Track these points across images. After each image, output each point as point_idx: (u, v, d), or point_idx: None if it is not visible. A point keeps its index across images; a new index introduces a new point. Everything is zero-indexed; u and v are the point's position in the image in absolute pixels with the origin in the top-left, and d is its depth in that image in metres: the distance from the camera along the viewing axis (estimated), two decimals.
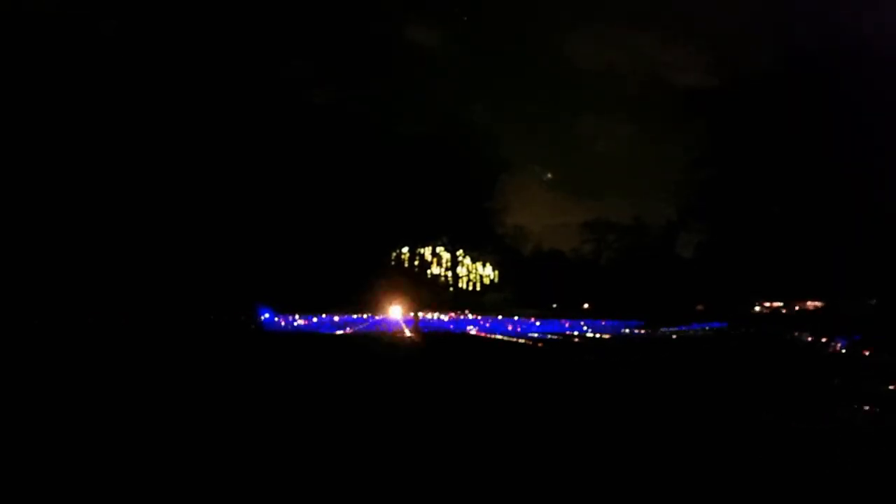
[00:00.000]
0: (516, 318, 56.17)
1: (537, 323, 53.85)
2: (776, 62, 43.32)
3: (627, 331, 49.94)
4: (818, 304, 38.85)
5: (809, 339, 26.50)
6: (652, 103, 48.88)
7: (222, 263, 47.83)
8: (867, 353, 20.47)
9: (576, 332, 50.21)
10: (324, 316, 54.52)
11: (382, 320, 56.91)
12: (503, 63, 55.41)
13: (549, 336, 44.47)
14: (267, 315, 51.24)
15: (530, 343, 34.47)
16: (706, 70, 46.88)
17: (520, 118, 56.62)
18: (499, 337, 40.84)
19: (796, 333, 28.75)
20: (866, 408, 13.42)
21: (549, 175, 58.20)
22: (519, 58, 55.00)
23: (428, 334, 46.62)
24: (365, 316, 56.60)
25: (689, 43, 47.43)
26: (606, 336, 48.14)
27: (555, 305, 56.18)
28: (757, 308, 42.22)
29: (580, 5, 51.02)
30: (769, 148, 44.55)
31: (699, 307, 46.27)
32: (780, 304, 41.65)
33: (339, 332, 49.10)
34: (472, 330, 53.00)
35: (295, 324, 53.20)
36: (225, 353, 25.53)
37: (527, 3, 52.75)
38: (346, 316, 55.37)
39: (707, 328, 42.93)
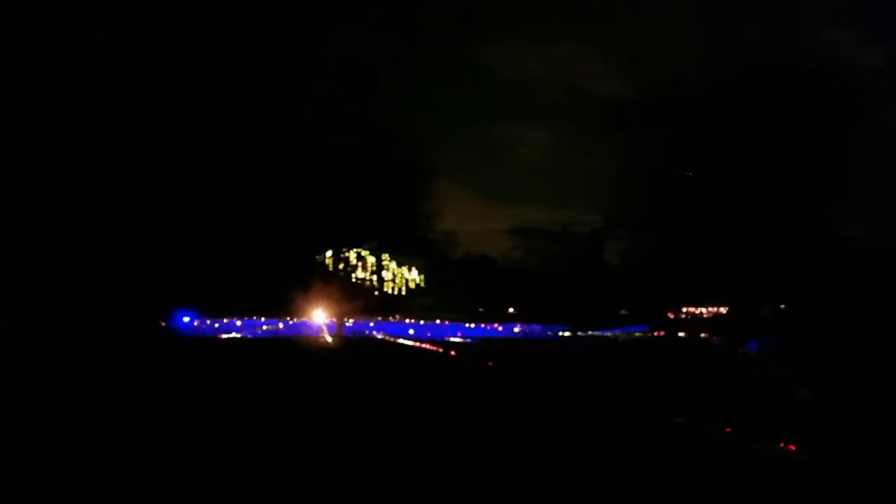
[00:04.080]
0: (442, 322, 56.15)
1: (470, 326, 54.06)
2: (698, 75, 44.71)
3: (550, 334, 50.63)
4: (730, 308, 40.21)
5: (720, 342, 27.26)
6: (579, 114, 49.76)
7: (140, 268, 46.02)
8: (776, 356, 21.06)
9: (501, 337, 50.60)
10: (247, 320, 53.17)
11: (305, 324, 55.91)
12: (435, 73, 55.49)
13: (470, 340, 44.59)
14: (187, 319, 49.67)
15: (448, 347, 34.27)
16: (630, 82, 47.99)
17: (450, 127, 56.77)
18: (412, 343, 40.58)
19: (711, 337, 29.56)
20: (776, 409, 13.69)
21: (478, 182, 58.41)
22: (451, 68, 55.17)
23: (350, 339, 46.06)
24: (289, 320, 55.43)
25: (613, 55, 48.46)
26: (531, 339, 48.71)
27: (481, 310, 56.36)
28: (674, 314, 43.40)
29: (506, 17, 51.49)
30: (691, 158, 45.88)
31: (623, 311, 47.21)
32: (697, 309, 42.94)
33: (260, 336, 48.01)
34: (399, 337, 52.72)
35: (216, 327, 51.77)
36: (117, 359, 24.19)
37: (455, 15, 52.95)
38: (270, 320, 54.18)
39: (628, 332, 43.86)
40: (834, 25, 40.62)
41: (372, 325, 58.01)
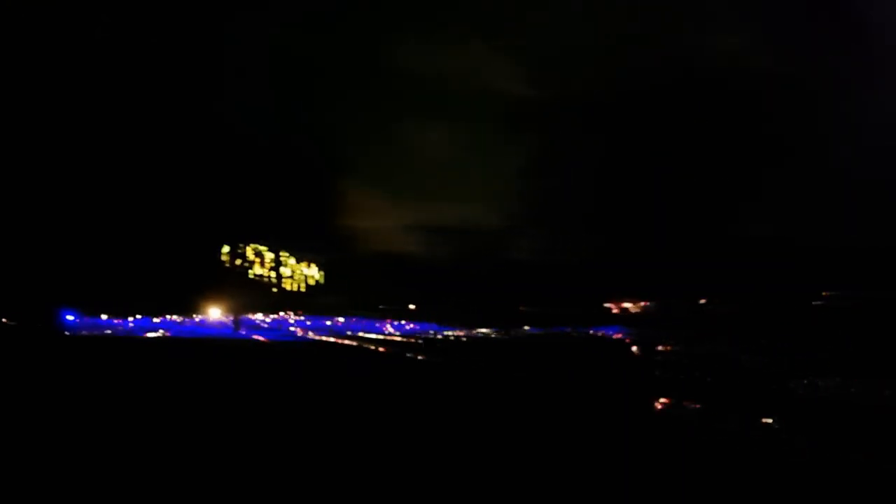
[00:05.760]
0: (341, 319, 56.05)
1: (381, 323, 54.25)
2: (608, 78, 46.58)
3: (449, 333, 51.62)
4: (647, 304, 42.24)
5: (633, 340, 28.68)
6: (487, 113, 50.87)
7: (23, 265, 43.28)
8: (693, 350, 22.46)
9: (398, 333, 51.17)
10: (140, 317, 50.95)
11: (201, 321, 54.31)
12: (342, 69, 55.02)
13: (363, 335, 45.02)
14: (71, 317, 47.04)
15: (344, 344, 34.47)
16: (538, 83, 49.57)
17: (353, 124, 56.42)
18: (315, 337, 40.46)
19: (622, 335, 30.95)
20: (688, 403, 14.65)
21: (383, 179, 58.63)
22: (359, 65, 54.97)
23: (245, 336, 45.30)
24: (182, 318, 53.58)
25: (522, 56, 49.90)
26: (427, 336, 49.54)
27: (381, 307, 56.60)
28: (585, 310, 45.14)
29: (417, 15, 51.92)
30: (601, 159, 47.79)
31: (522, 308, 48.74)
32: (610, 305, 44.83)
33: (151, 334, 46.22)
34: (297, 331, 52.14)
35: (102, 325, 49.32)
36: None
37: (365, 12, 52.84)
38: (163, 318, 52.16)
39: (531, 330, 45.41)
40: (729, 31, 43.36)
41: (269, 320, 57.14)
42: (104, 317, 49.20)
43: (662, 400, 14.37)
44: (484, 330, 48.98)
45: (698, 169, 44.22)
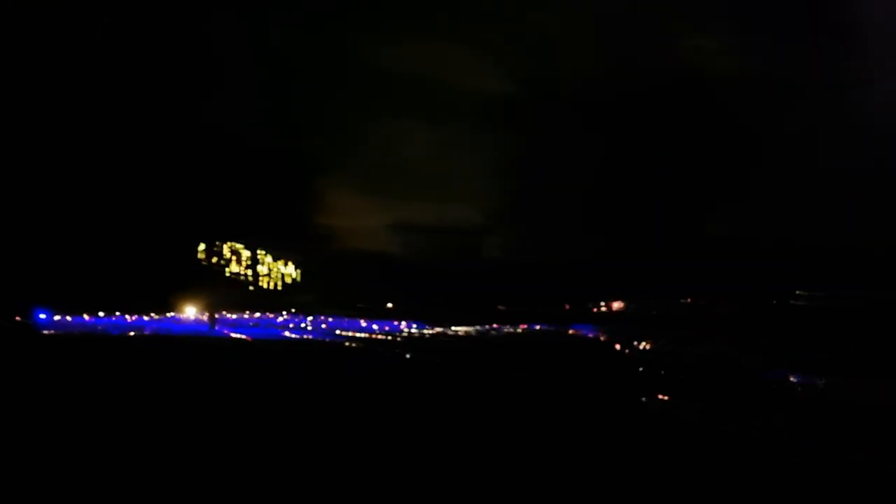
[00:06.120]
0: (320, 317, 55.92)
1: (359, 321, 54.18)
2: (584, 77, 46.78)
3: (427, 330, 51.76)
4: (622, 304, 42.58)
5: (604, 338, 29.01)
6: (462, 111, 50.84)
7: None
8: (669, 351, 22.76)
9: (377, 331, 51.26)
10: (114, 316, 50.33)
11: (175, 320, 53.80)
12: (316, 67, 54.63)
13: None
14: (44, 316, 46.30)
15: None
16: (513, 81, 49.63)
17: (330, 121, 56.05)
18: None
19: (595, 334, 31.27)
20: (660, 396, 14.91)
21: (358, 178, 58.36)
22: (332, 62, 54.58)
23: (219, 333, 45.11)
24: (157, 316, 53.05)
25: (498, 53, 49.88)
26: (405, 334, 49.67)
27: (360, 305, 56.51)
28: (559, 309, 45.42)
29: (390, 11, 51.73)
30: (581, 158, 48.00)
31: (500, 307, 48.92)
32: (586, 304, 45.13)
33: (127, 332, 45.79)
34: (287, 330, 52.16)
35: (75, 323, 48.64)
36: None
37: (337, 9, 52.51)
38: (137, 316, 51.61)
39: (508, 328, 45.65)
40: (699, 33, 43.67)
41: (246, 318, 56.85)
42: (76, 316, 48.58)
43: (644, 398, 14.59)
44: (462, 328, 49.20)
45: (685, 168, 44.60)
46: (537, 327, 43.63)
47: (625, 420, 11.24)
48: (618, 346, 27.85)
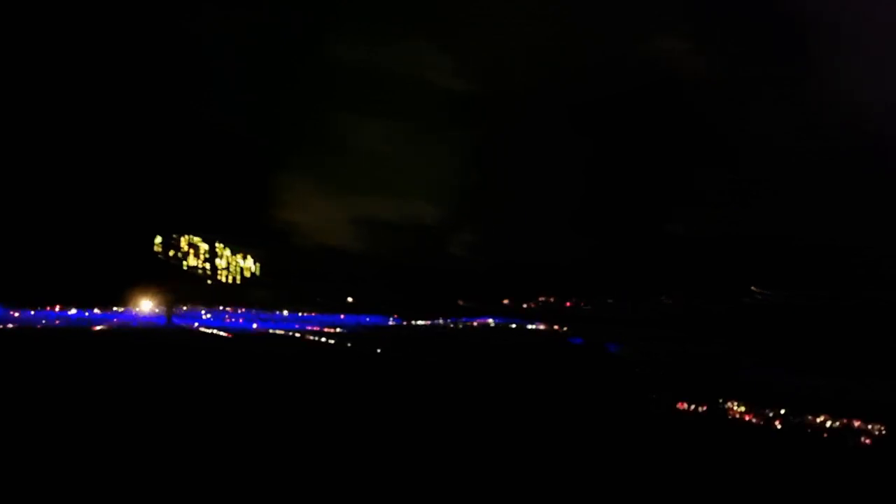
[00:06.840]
0: (279, 312, 55.46)
1: (318, 315, 53.91)
2: (549, 76, 46.89)
3: (392, 323, 51.77)
4: (589, 305, 43.09)
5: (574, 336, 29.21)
6: (426, 108, 50.67)
7: None
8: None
9: (337, 326, 51.03)
10: (68, 310, 49.32)
11: (128, 314, 52.84)
12: (280, 62, 54.04)
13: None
14: None
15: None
16: (477, 79, 49.62)
17: (293, 116, 55.48)
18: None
19: (565, 329, 31.49)
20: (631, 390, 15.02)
21: (321, 172, 57.91)
22: (296, 57, 53.98)
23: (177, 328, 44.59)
24: (113, 310, 52.03)
25: (462, 51, 49.80)
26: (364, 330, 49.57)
27: (319, 300, 56.19)
28: (524, 305, 45.84)
29: (355, 8, 51.42)
30: (540, 155, 48.23)
31: (460, 302, 49.18)
32: (551, 299, 45.54)
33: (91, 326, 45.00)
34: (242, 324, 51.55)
35: (25, 318, 47.54)
36: None
37: (302, 4, 52.04)
38: (91, 310, 50.56)
39: (468, 322, 45.91)
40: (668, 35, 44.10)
41: (203, 313, 56.11)
42: (24, 311, 47.52)
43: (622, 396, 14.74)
44: (422, 322, 49.32)
45: (653, 167, 45.04)
46: (490, 321, 44.08)
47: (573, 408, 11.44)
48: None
